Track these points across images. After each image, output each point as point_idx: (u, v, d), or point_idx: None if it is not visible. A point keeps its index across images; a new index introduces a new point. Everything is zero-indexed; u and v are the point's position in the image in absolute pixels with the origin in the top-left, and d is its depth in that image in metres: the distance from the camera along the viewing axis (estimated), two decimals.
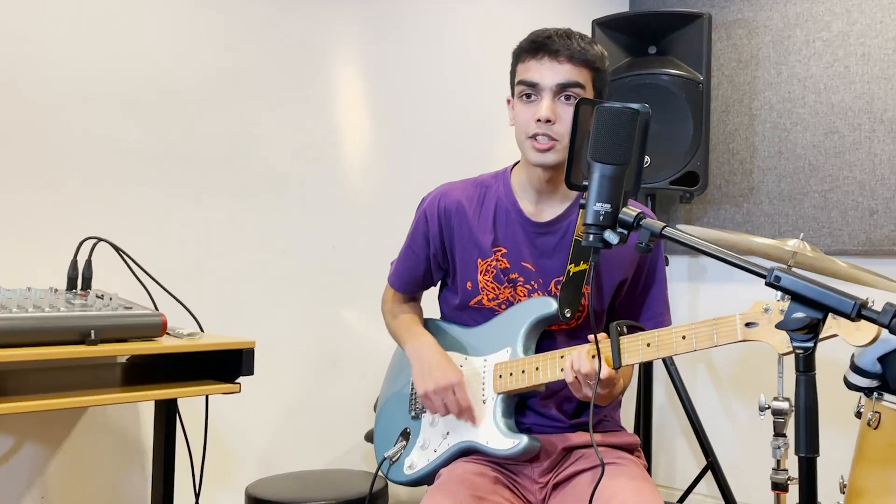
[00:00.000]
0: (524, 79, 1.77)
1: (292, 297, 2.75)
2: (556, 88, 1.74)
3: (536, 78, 1.75)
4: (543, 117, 1.73)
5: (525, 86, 1.77)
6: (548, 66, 1.75)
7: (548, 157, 1.76)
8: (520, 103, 1.79)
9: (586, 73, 1.76)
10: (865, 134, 3.13)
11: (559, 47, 1.74)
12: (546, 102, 1.73)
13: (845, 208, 3.18)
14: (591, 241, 1.36)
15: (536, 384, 1.75)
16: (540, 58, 1.76)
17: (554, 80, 1.74)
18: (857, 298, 1.14)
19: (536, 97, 1.76)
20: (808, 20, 3.28)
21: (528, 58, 1.78)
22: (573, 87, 1.74)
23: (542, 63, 1.75)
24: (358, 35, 2.95)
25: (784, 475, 2.29)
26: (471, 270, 1.88)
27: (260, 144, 2.69)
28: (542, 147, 1.75)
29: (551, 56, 1.74)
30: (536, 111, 1.74)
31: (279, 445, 2.73)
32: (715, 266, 3.55)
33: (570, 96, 1.74)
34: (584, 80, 1.76)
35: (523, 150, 1.81)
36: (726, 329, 1.51)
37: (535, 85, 1.75)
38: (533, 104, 1.76)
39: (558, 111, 1.74)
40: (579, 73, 1.75)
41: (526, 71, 1.78)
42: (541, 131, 1.74)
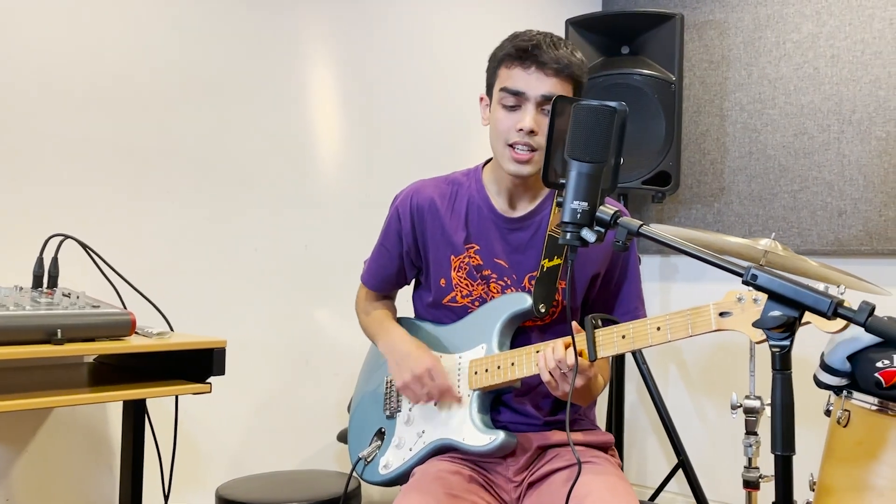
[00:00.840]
0: (509, 86, 1.75)
1: (264, 296, 2.73)
2: (540, 99, 1.73)
3: (522, 87, 1.73)
4: (527, 128, 1.71)
5: (509, 93, 1.75)
6: (535, 77, 1.72)
7: (524, 169, 1.75)
8: (501, 109, 1.77)
9: (570, 86, 1.75)
10: (834, 135, 3.17)
11: (547, 59, 1.71)
12: (531, 114, 1.72)
13: (814, 209, 3.21)
14: (569, 239, 1.35)
15: (512, 379, 1.75)
16: (527, 67, 1.73)
17: (539, 91, 1.72)
18: (832, 296, 1.15)
19: (519, 106, 1.74)
20: (779, 22, 3.31)
21: (515, 64, 1.75)
22: None
23: (529, 73, 1.73)
24: (331, 33, 2.92)
25: (756, 473, 2.31)
26: (444, 267, 1.87)
27: (232, 142, 2.66)
28: (521, 158, 1.74)
29: (539, 67, 1.72)
30: (520, 121, 1.72)
31: (250, 446, 2.70)
32: (686, 265, 3.57)
33: None
34: (567, 94, 1.75)
35: (499, 158, 1.79)
36: (701, 319, 1.52)
37: (520, 94, 1.74)
38: (515, 113, 1.74)
39: (540, 122, 1.73)
40: (563, 87, 1.73)
41: (511, 78, 1.75)
42: (522, 141, 1.73)
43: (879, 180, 3.06)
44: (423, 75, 3.17)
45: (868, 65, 3.10)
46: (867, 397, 2.25)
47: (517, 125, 1.73)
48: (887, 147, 3.05)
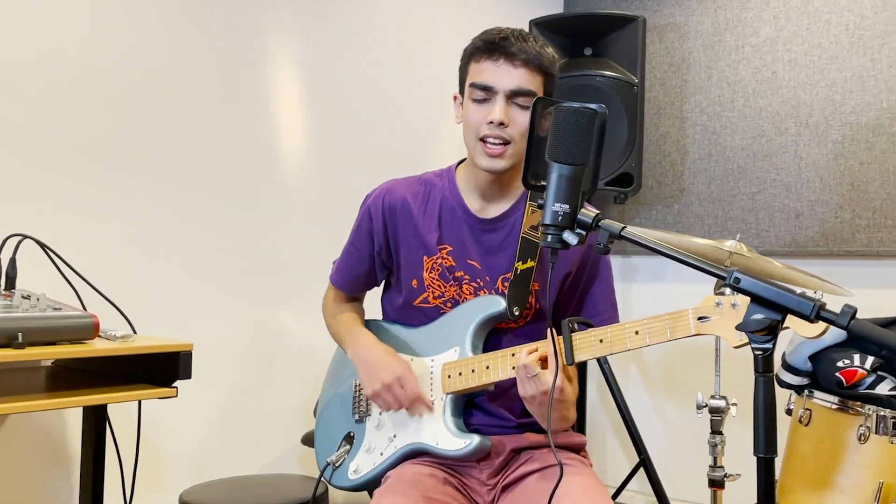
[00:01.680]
0: (478, 81, 1.75)
1: (227, 298, 2.68)
2: (509, 93, 1.72)
3: (491, 81, 1.73)
4: (497, 120, 1.71)
5: (478, 88, 1.75)
6: (504, 70, 1.73)
7: (497, 164, 1.75)
8: (472, 104, 1.77)
9: (539, 78, 1.75)
10: (791, 138, 3.22)
11: (515, 51, 1.72)
12: (500, 106, 1.72)
13: (772, 210, 3.26)
14: (550, 241, 1.34)
15: (487, 383, 1.73)
16: (496, 60, 1.74)
17: (508, 85, 1.72)
18: (815, 300, 1.16)
19: (489, 100, 1.74)
20: (738, 26, 3.36)
21: (483, 59, 1.75)
22: (526, 95, 1.73)
23: (497, 65, 1.73)
24: (295, 32, 2.88)
25: (721, 472, 2.33)
26: (416, 268, 1.85)
27: (194, 140, 2.60)
28: (493, 152, 1.73)
29: (507, 59, 1.73)
30: (489, 113, 1.72)
31: (213, 450, 2.64)
32: (647, 266, 3.60)
33: (523, 105, 1.73)
34: (537, 87, 1.75)
35: (472, 153, 1.78)
36: (680, 324, 1.52)
37: (489, 88, 1.73)
38: (485, 106, 1.74)
39: (511, 115, 1.73)
40: (532, 79, 1.74)
41: (480, 72, 1.75)
42: (492, 133, 1.72)
43: (835, 182, 3.12)
44: (389, 75, 3.14)
45: (824, 69, 3.15)
46: (828, 396, 2.29)
47: (487, 118, 1.72)
48: (843, 150, 3.11)
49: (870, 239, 3.06)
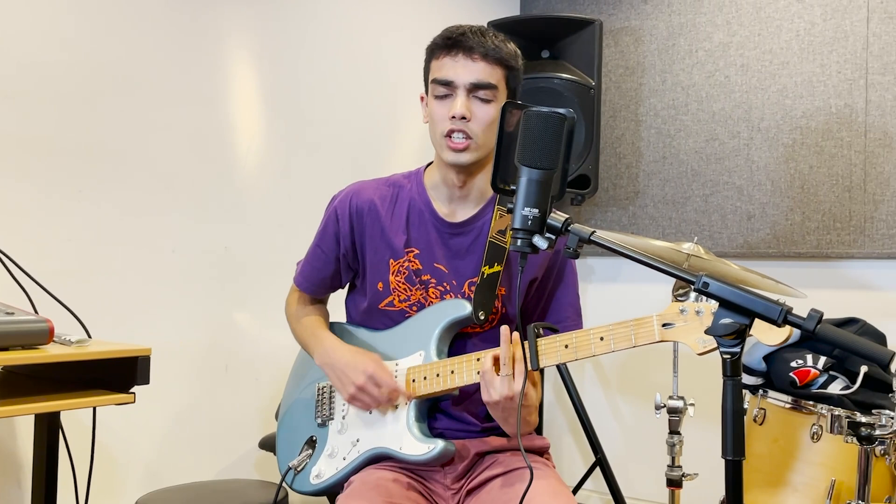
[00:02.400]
0: (438, 77, 1.75)
1: (182, 300, 2.63)
2: (469, 86, 1.73)
3: (451, 76, 1.73)
4: (458, 114, 1.71)
5: (439, 84, 1.75)
6: (462, 64, 1.73)
7: (462, 157, 1.74)
8: (434, 101, 1.77)
9: (500, 71, 1.76)
10: (744, 141, 3.28)
11: (473, 45, 1.73)
12: (461, 100, 1.72)
13: (725, 212, 3.32)
14: (520, 245, 1.34)
15: (451, 388, 1.73)
16: (454, 55, 1.74)
17: (468, 79, 1.73)
18: (782, 304, 1.17)
19: (451, 95, 1.74)
20: (691, 30, 3.41)
21: (443, 55, 1.76)
22: (486, 88, 1.73)
23: (456, 60, 1.74)
24: (253, 30, 2.84)
25: (678, 472, 2.36)
26: (382, 271, 1.84)
27: (149, 139, 2.55)
28: (457, 146, 1.73)
29: (465, 53, 1.73)
30: (451, 108, 1.73)
31: (168, 456, 2.59)
32: (602, 267, 3.63)
33: (484, 98, 1.73)
34: (497, 80, 1.75)
35: (438, 149, 1.78)
36: (644, 330, 1.53)
37: (449, 83, 1.74)
38: (447, 101, 1.74)
39: (473, 109, 1.73)
40: (493, 73, 1.74)
41: (440, 69, 1.76)
42: (456, 128, 1.72)
43: (786, 185, 3.19)
44: (347, 75, 3.12)
45: (776, 74, 3.22)
46: (782, 396, 2.34)
47: (449, 113, 1.73)
48: (793, 153, 3.17)
49: (819, 241, 3.13)
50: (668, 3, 3.46)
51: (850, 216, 3.07)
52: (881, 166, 3.01)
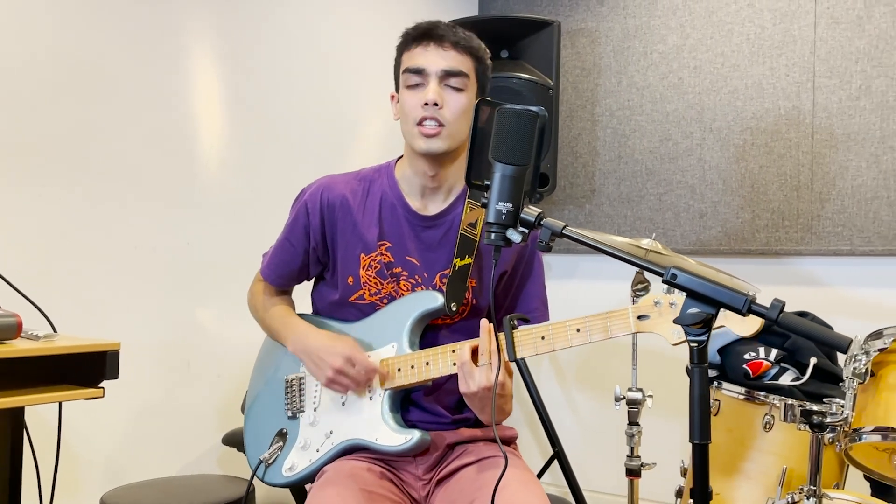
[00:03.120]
0: (410, 66, 1.79)
1: (144, 296, 2.62)
2: (441, 74, 1.77)
3: (422, 64, 1.77)
4: (431, 100, 1.74)
5: (411, 73, 1.78)
6: (433, 52, 1.77)
7: (434, 144, 1.77)
8: (406, 92, 1.80)
9: (470, 61, 1.80)
10: (696, 141, 3.37)
11: (444, 34, 1.78)
12: (433, 86, 1.76)
13: (678, 210, 3.41)
14: (494, 239, 1.38)
15: (426, 379, 1.76)
16: (426, 44, 1.79)
17: (440, 66, 1.76)
18: (746, 294, 1.23)
19: (423, 83, 1.77)
20: (646, 33, 3.49)
21: (414, 45, 1.80)
22: (458, 76, 1.77)
23: (427, 49, 1.78)
24: (214, 26, 2.84)
25: (637, 462, 2.43)
26: (353, 265, 1.86)
27: (111, 135, 2.53)
28: (429, 132, 1.76)
29: (437, 42, 1.78)
30: (423, 96, 1.76)
31: (130, 452, 2.58)
32: (559, 263, 3.70)
33: (456, 87, 1.77)
34: (468, 69, 1.80)
35: (410, 139, 1.81)
36: (620, 322, 1.59)
37: (421, 71, 1.77)
38: (419, 90, 1.78)
39: (445, 97, 1.76)
40: (463, 61, 1.79)
41: (412, 58, 1.80)
42: (428, 115, 1.76)
43: (737, 185, 3.29)
44: (307, 72, 3.13)
45: (727, 76, 3.31)
46: (735, 387, 2.42)
47: (422, 100, 1.76)
48: (744, 154, 3.27)
49: (768, 238, 3.23)
50: (623, 6, 3.54)
51: (798, 214, 3.18)
52: (827, 166, 3.12)
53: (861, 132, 3.07)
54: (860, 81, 3.07)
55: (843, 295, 3.14)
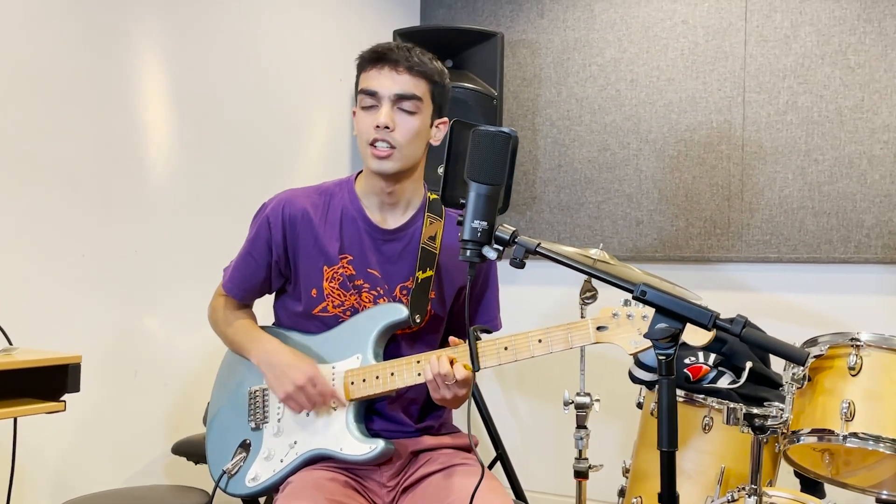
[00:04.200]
0: (365, 87, 1.83)
1: (91, 304, 2.58)
2: (393, 97, 1.81)
3: (376, 86, 1.81)
4: (382, 123, 1.79)
5: (365, 94, 1.83)
6: (387, 76, 1.82)
7: (385, 165, 1.82)
8: (361, 112, 1.84)
9: (424, 85, 1.84)
10: (633, 152, 3.49)
11: (399, 58, 1.82)
12: (385, 110, 1.80)
13: (615, 218, 3.52)
14: (469, 255, 1.44)
15: (391, 390, 1.80)
16: (380, 67, 1.83)
17: (392, 90, 1.81)
18: (712, 311, 1.32)
19: (376, 105, 1.82)
20: (585, 46, 3.59)
21: (370, 67, 1.85)
22: (410, 100, 1.82)
23: (381, 72, 1.82)
24: (163, 31, 2.81)
25: (585, 464, 2.51)
26: (316, 278, 1.89)
27: (58, 142, 2.48)
28: (380, 154, 1.81)
29: (391, 66, 1.82)
30: (375, 118, 1.80)
31: (77, 464, 2.54)
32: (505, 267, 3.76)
33: (408, 110, 1.82)
34: (422, 93, 1.84)
35: (364, 158, 1.86)
36: (580, 333, 1.66)
37: (374, 93, 1.81)
38: (373, 112, 1.82)
39: (396, 120, 1.81)
40: (417, 85, 1.83)
41: (366, 80, 1.84)
42: (380, 137, 1.80)
43: (671, 194, 3.42)
44: (255, 78, 3.12)
45: (663, 90, 3.44)
46: (676, 390, 2.53)
47: (374, 122, 1.80)
48: (678, 164, 3.41)
49: (701, 245, 3.37)
50: (563, 19, 3.63)
51: (729, 223, 3.32)
52: (756, 177, 3.28)
53: (788, 145, 3.23)
54: (787, 97, 3.23)
55: (770, 300, 3.30)
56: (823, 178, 3.17)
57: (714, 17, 3.36)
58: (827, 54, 3.17)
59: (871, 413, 1.86)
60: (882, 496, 2.09)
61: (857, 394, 1.88)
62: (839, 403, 1.88)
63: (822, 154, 3.18)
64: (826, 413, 1.90)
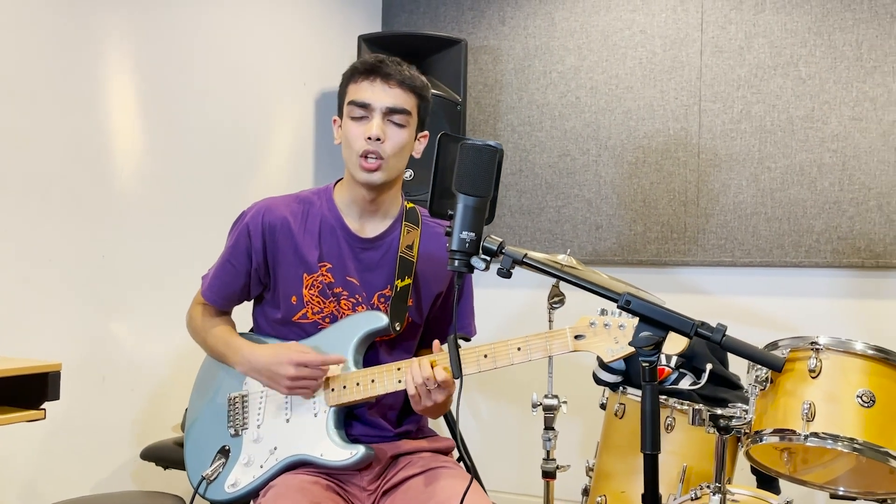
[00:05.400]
0: (356, 99, 1.85)
1: (60, 310, 2.55)
2: (385, 110, 1.84)
3: (368, 98, 1.84)
4: (374, 135, 1.82)
5: (356, 106, 1.85)
6: (380, 88, 1.85)
7: (374, 177, 1.86)
8: (351, 122, 1.86)
9: (413, 99, 1.89)
10: (593, 158, 3.57)
11: (391, 72, 1.85)
12: (377, 121, 1.83)
13: (576, 222, 3.60)
14: (457, 266, 1.48)
15: (372, 396, 1.83)
16: (372, 80, 1.85)
17: (384, 103, 1.84)
18: (693, 320, 1.38)
19: (367, 117, 1.85)
20: (546, 53, 3.66)
21: (361, 79, 1.87)
22: (401, 114, 1.86)
23: (374, 84, 1.85)
24: (130, 35, 2.78)
25: (553, 464, 2.57)
26: (295, 285, 1.91)
27: (24, 146, 2.45)
28: (370, 167, 1.84)
29: (383, 79, 1.85)
30: (367, 130, 1.83)
31: (45, 471, 2.51)
32: None
33: (398, 123, 1.85)
34: (411, 107, 1.88)
35: (351, 168, 1.88)
36: (558, 341, 1.71)
37: (366, 105, 1.84)
38: (363, 123, 1.85)
39: (387, 132, 1.84)
40: (407, 100, 1.87)
41: (358, 91, 1.86)
42: (371, 148, 1.83)
43: (630, 199, 3.51)
44: (222, 84, 3.11)
45: (621, 97, 3.53)
46: (639, 391, 2.60)
47: (365, 134, 1.83)
48: (637, 170, 3.49)
49: (658, 250, 3.47)
50: (524, 27, 3.70)
51: (685, 228, 3.42)
52: (712, 184, 3.38)
53: (742, 153, 3.34)
54: (741, 106, 3.34)
55: (725, 303, 3.41)
56: (776, 185, 3.29)
57: (671, 27, 3.45)
58: (779, 65, 3.29)
59: (830, 414, 1.94)
60: (839, 493, 2.18)
61: (817, 395, 1.96)
62: (800, 405, 1.95)
63: (774, 162, 3.29)
64: (788, 414, 1.98)
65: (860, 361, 2.00)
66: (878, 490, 2.13)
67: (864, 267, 3.17)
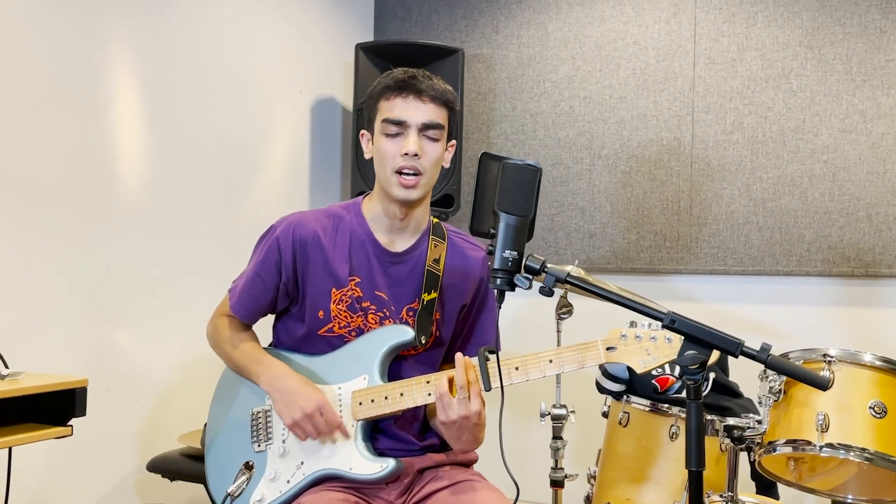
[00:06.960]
0: (390, 117, 1.85)
1: (66, 320, 2.52)
2: (420, 126, 1.85)
3: (403, 116, 1.85)
4: (412, 151, 1.83)
5: (391, 123, 1.85)
6: (413, 105, 1.85)
7: (412, 193, 1.87)
8: (385, 139, 1.86)
9: (445, 113, 1.90)
10: (586, 167, 3.61)
11: (424, 88, 1.86)
12: (413, 138, 1.84)
13: (569, 230, 3.63)
14: (500, 284, 1.50)
15: (399, 410, 1.84)
16: (405, 96, 1.86)
17: (419, 119, 1.85)
18: (738, 339, 1.41)
19: (402, 133, 1.85)
20: (539, 62, 3.69)
21: (394, 96, 1.87)
22: (435, 128, 1.87)
23: (407, 101, 1.86)
24: (135, 41, 2.76)
25: (561, 473, 2.60)
26: (323, 300, 1.91)
27: (30, 156, 2.42)
28: (408, 183, 1.85)
29: (416, 95, 1.86)
30: (404, 146, 1.84)
31: (51, 483, 2.48)
32: None
33: (433, 137, 1.86)
34: (444, 121, 1.89)
35: (387, 185, 1.88)
36: (591, 353, 1.73)
37: (402, 122, 1.85)
38: (398, 140, 1.85)
39: (423, 147, 1.85)
40: (440, 114, 1.88)
41: (391, 109, 1.86)
42: (408, 165, 1.84)
43: (623, 208, 3.55)
44: (222, 92, 3.10)
45: (615, 107, 3.57)
46: (642, 400, 2.64)
47: (402, 150, 1.84)
48: (630, 179, 3.54)
49: (651, 258, 3.51)
50: (517, 36, 3.72)
51: (678, 236, 3.48)
52: (704, 193, 3.44)
53: (734, 163, 3.40)
54: (734, 117, 3.41)
55: (717, 310, 3.47)
56: (767, 195, 3.36)
57: (664, 39, 3.50)
58: (771, 78, 3.36)
59: (844, 424, 2.00)
60: (848, 501, 2.23)
61: (830, 406, 2.01)
62: (814, 415, 2.01)
63: (765, 172, 3.36)
64: (802, 425, 2.03)
65: (870, 373, 2.06)
66: (887, 498, 2.19)
67: (854, 276, 3.25)
